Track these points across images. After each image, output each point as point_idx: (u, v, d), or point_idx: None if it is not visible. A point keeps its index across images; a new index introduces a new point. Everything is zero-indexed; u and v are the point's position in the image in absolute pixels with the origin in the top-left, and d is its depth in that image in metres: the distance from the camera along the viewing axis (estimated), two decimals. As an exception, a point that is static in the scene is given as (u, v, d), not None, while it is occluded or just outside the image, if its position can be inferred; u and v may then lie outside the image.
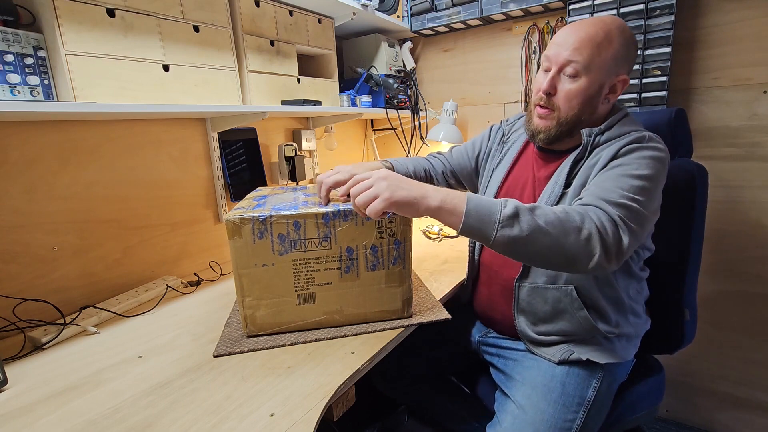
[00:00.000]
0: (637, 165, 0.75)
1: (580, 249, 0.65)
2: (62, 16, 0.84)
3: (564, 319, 0.86)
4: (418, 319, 0.88)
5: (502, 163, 1.01)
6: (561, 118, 0.84)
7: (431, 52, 1.87)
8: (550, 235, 0.65)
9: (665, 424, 1.54)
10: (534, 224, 0.65)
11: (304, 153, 1.62)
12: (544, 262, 0.68)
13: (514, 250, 0.67)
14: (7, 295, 0.89)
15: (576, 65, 0.80)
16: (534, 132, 0.89)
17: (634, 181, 0.73)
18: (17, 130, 0.90)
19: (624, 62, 0.82)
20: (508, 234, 0.65)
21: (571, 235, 0.65)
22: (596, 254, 0.65)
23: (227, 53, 1.17)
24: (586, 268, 0.67)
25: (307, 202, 0.85)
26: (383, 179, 0.69)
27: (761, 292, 1.34)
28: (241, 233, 0.76)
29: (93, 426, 0.61)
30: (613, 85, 0.83)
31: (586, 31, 0.80)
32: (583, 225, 0.66)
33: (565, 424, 0.81)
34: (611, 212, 0.69)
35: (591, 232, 0.66)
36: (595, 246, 0.65)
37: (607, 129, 0.83)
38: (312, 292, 0.82)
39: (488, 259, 1.00)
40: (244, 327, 0.82)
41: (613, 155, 0.78)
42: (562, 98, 0.83)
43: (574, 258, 0.66)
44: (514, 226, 0.65)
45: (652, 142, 0.79)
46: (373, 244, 0.82)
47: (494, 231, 0.65)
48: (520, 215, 0.65)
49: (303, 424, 0.60)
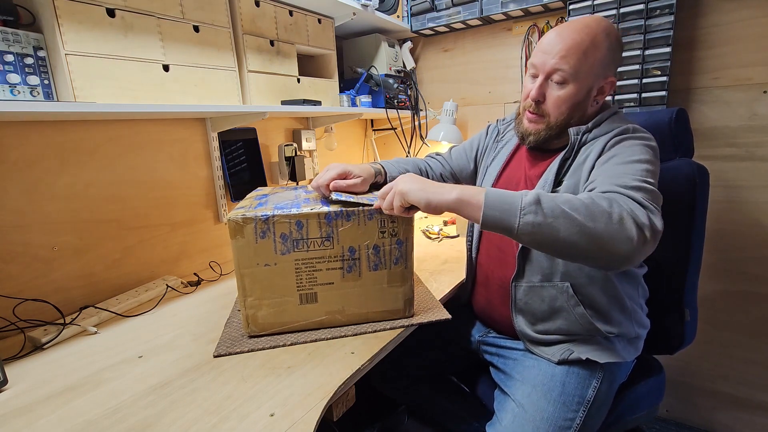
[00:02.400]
0: (631, 152, 0.75)
1: (614, 232, 0.61)
2: (62, 16, 0.84)
3: (561, 317, 0.86)
4: (419, 319, 0.88)
5: (496, 160, 1.02)
6: (551, 123, 0.85)
7: (431, 52, 1.87)
8: (575, 219, 0.61)
9: (665, 424, 1.54)
10: (558, 209, 0.62)
11: (304, 153, 1.62)
12: (575, 249, 0.63)
13: (541, 239, 0.64)
14: (7, 295, 0.89)
15: (563, 73, 0.80)
16: (524, 134, 0.90)
17: (637, 165, 0.72)
18: (17, 130, 0.90)
19: (611, 65, 0.83)
20: (532, 220, 0.62)
21: (600, 219, 0.62)
22: (634, 236, 0.61)
23: (227, 53, 1.17)
24: (626, 252, 0.61)
25: (309, 199, 0.85)
26: (403, 177, 0.76)
27: (761, 292, 1.33)
28: (243, 233, 0.76)
29: (93, 426, 0.61)
30: (601, 87, 0.84)
31: (573, 38, 0.79)
32: (612, 209, 0.62)
33: (565, 423, 0.81)
34: (633, 195, 0.66)
35: (622, 214, 0.62)
36: (630, 228, 0.61)
37: (595, 126, 0.84)
38: (314, 291, 0.82)
39: (484, 260, 1.00)
40: (245, 327, 0.82)
41: (600, 149, 0.79)
42: (551, 105, 0.84)
43: (611, 242, 0.61)
44: (538, 213, 0.62)
45: (638, 132, 0.80)
46: (375, 243, 0.82)
47: (517, 219, 0.63)
48: (542, 201, 0.63)
49: (303, 424, 0.60)
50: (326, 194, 0.86)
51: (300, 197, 0.87)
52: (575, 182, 0.82)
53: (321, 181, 0.86)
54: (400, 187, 0.74)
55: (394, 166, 1.02)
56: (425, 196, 0.71)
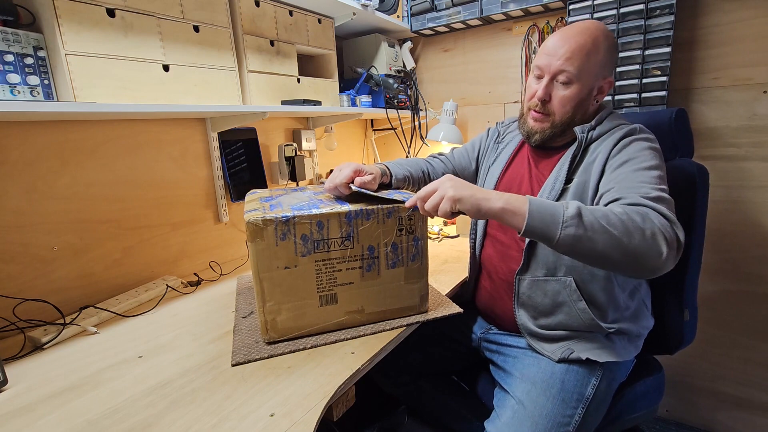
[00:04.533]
0: (643, 157, 0.79)
1: (647, 248, 0.66)
2: (62, 16, 0.84)
3: (563, 311, 0.88)
4: (433, 314, 0.90)
5: (498, 161, 1.04)
6: (556, 121, 0.90)
7: (431, 52, 1.87)
8: (613, 235, 0.66)
9: (665, 424, 1.54)
10: (597, 224, 0.67)
11: (304, 153, 1.62)
12: (611, 262, 0.68)
13: (579, 250, 0.68)
14: (7, 295, 0.89)
15: (568, 74, 0.85)
16: (529, 133, 0.93)
17: (652, 172, 0.76)
18: (17, 130, 0.90)
19: (609, 66, 0.88)
20: (573, 233, 0.67)
21: (635, 235, 0.66)
22: (664, 251, 0.66)
23: (227, 53, 1.17)
24: (656, 265, 0.67)
25: (322, 200, 0.85)
26: (449, 181, 0.74)
27: (761, 291, 1.33)
28: (263, 235, 0.74)
29: (93, 426, 0.61)
30: (601, 87, 0.89)
31: (576, 40, 0.85)
32: (645, 225, 0.67)
33: (563, 420, 0.82)
34: (659, 209, 0.70)
35: (654, 231, 0.67)
36: (661, 243, 0.66)
37: (598, 124, 0.89)
38: (334, 292, 0.82)
39: (489, 255, 1.01)
40: (263, 333, 0.79)
41: (610, 149, 0.83)
42: (557, 104, 0.88)
43: (643, 257, 0.66)
44: (579, 226, 0.67)
45: (644, 133, 0.85)
46: (393, 241, 0.82)
47: (558, 231, 0.67)
48: (583, 215, 0.67)
49: (303, 425, 0.60)
50: (344, 192, 0.87)
51: (313, 198, 0.87)
52: (585, 180, 0.85)
53: (338, 181, 0.86)
54: (452, 193, 0.72)
55: (398, 167, 1.03)
56: (477, 204, 0.72)
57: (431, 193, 0.75)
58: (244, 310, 0.97)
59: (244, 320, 0.91)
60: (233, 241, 1.39)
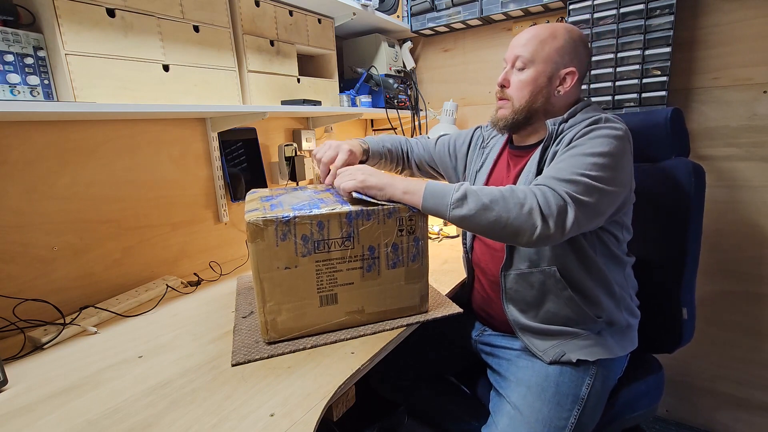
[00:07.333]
0: (591, 144, 0.80)
1: (522, 222, 0.73)
2: (62, 16, 0.84)
3: (550, 300, 0.89)
4: (433, 314, 0.90)
5: (484, 167, 1.06)
6: (515, 106, 0.92)
7: (431, 52, 1.87)
8: (493, 211, 0.74)
9: (665, 424, 1.54)
10: (480, 203, 0.74)
11: (304, 153, 1.62)
12: (493, 234, 0.77)
13: (467, 227, 0.78)
14: (7, 295, 0.89)
15: (523, 58, 0.90)
16: (496, 121, 0.97)
17: (587, 158, 0.78)
18: (17, 130, 0.90)
19: (571, 56, 0.89)
20: (459, 213, 0.75)
21: (513, 210, 0.73)
22: (537, 226, 0.72)
23: (227, 53, 1.17)
24: (531, 239, 0.73)
25: (323, 199, 0.85)
26: (361, 169, 0.85)
27: (761, 291, 1.33)
28: (264, 235, 0.74)
29: (93, 426, 0.61)
30: (563, 77, 0.89)
31: (533, 31, 0.91)
32: (525, 201, 0.73)
33: (560, 423, 0.82)
34: (557, 187, 0.75)
35: (532, 206, 0.73)
36: (536, 219, 0.72)
37: (571, 116, 0.89)
38: (334, 293, 0.82)
39: (478, 257, 1.02)
40: (264, 333, 0.79)
41: (571, 138, 0.84)
42: (514, 89, 0.92)
43: (519, 230, 0.73)
44: (463, 207, 0.75)
45: (609, 122, 0.84)
46: (394, 242, 0.82)
47: (447, 211, 0.77)
48: (468, 197, 0.75)
49: (303, 425, 0.60)
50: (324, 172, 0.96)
51: (313, 197, 0.87)
52: None
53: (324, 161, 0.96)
54: (362, 177, 0.82)
55: (377, 142, 1.12)
56: (383, 186, 0.81)
57: (345, 172, 0.85)
58: (244, 310, 0.97)
59: (244, 320, 0.91)
60: (233, 241, 1.39)
